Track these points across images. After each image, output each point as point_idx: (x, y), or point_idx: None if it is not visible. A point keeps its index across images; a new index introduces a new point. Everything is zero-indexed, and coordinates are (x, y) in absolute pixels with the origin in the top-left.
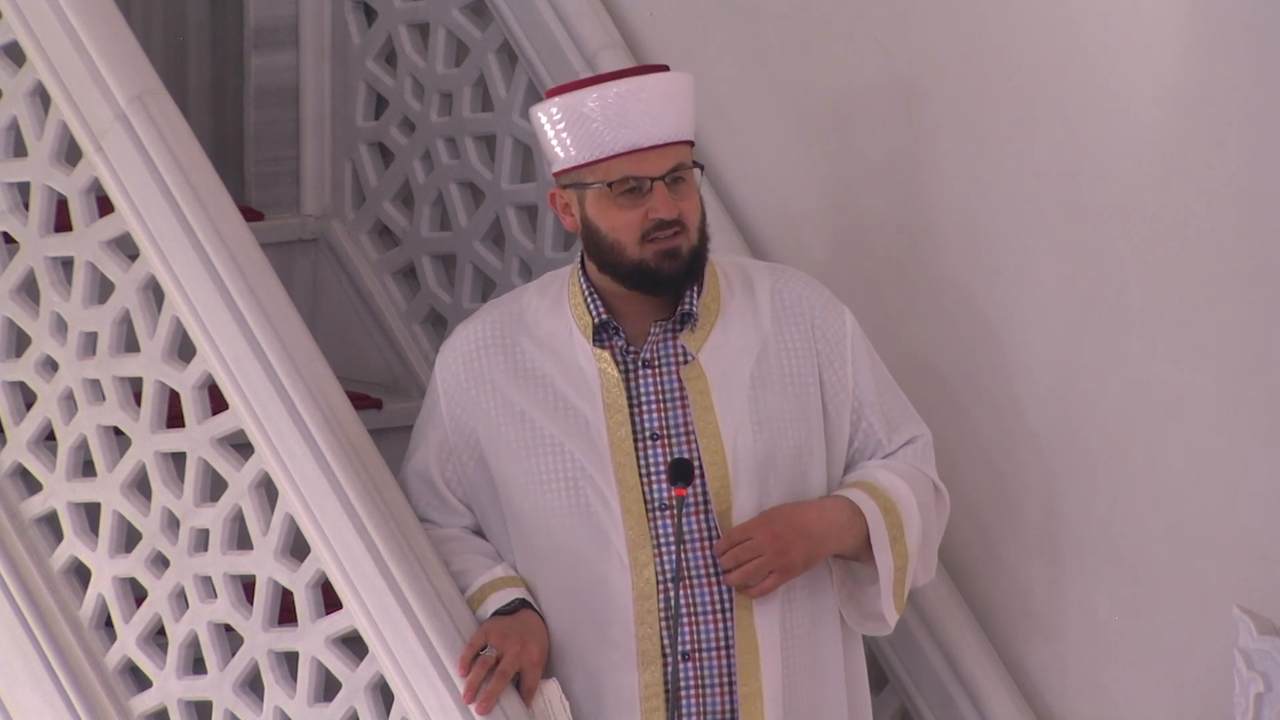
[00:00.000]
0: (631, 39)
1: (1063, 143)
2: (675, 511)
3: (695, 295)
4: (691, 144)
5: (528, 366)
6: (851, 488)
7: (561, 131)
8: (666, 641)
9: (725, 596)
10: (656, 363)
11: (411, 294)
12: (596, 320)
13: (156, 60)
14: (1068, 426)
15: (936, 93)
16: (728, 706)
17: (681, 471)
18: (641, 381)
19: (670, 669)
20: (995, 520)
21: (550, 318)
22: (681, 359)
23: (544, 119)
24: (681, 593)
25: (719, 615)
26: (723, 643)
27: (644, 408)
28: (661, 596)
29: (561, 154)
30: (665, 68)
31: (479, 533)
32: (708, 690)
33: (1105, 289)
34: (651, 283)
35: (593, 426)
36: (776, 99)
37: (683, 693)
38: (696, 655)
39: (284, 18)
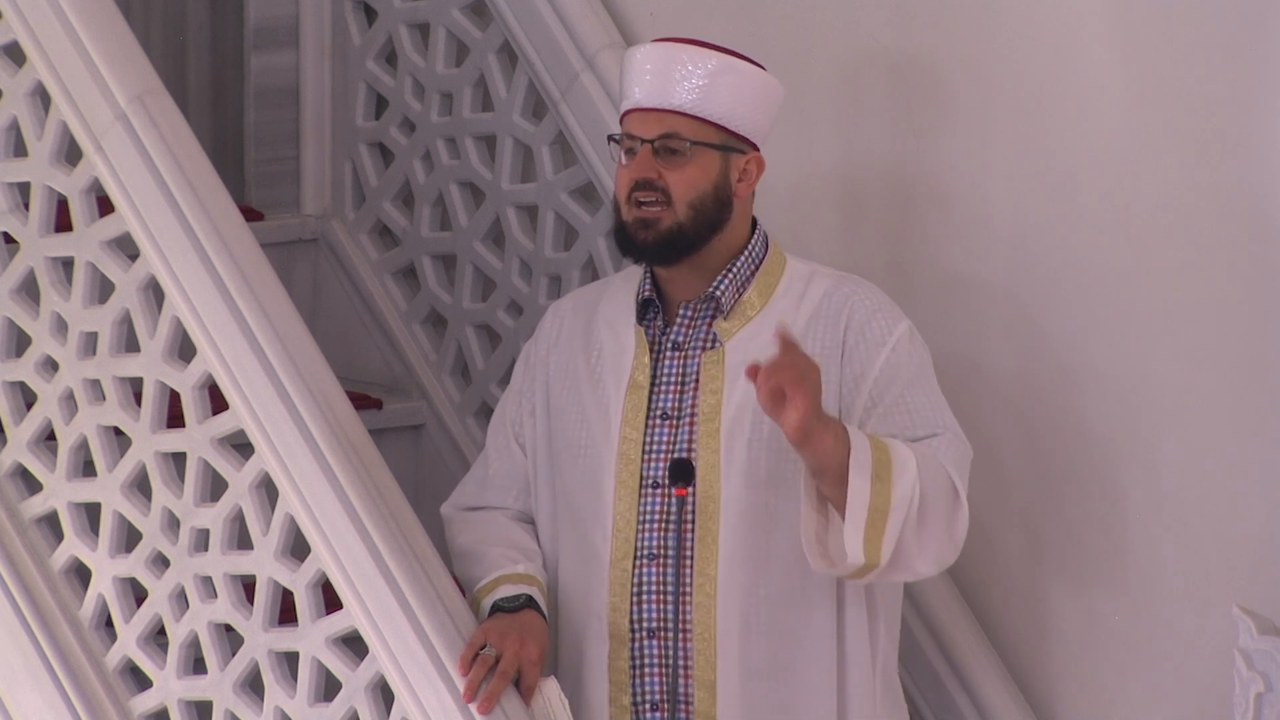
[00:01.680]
0: (631, 39)
1: (1062, 141)
2: (675, 509)
3: (726, 280)
4: (718, 126)
5: (591, 336)
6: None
7: (623, 80)
8: (634, 617)
9: (691, 578)
10: (686, 346)
11: (411, 294)
12: (640, 297)
13: (156, 60)
14: (1067, 426)
15: (936, 91)
16: (689, 690)
17: (682, 471)
18: (667, 363)
19: (639, 644)
20: (995, 520)
21: (621, 297)
22: (709, 345)
23: (622, 70)
24: (654, 571)
25: (686, 597)
26: (686, 625)
27: (662, 388)
28: (635, 572)
29: (621, 101)
30: (737, 55)
31: (529, 515)
32: (670, 670)
33: (1105, 288)
34: (627, 248)
35: (611, 402)
36: None
37: (647, 669)
38: (662, 634)
39: (284, 18)
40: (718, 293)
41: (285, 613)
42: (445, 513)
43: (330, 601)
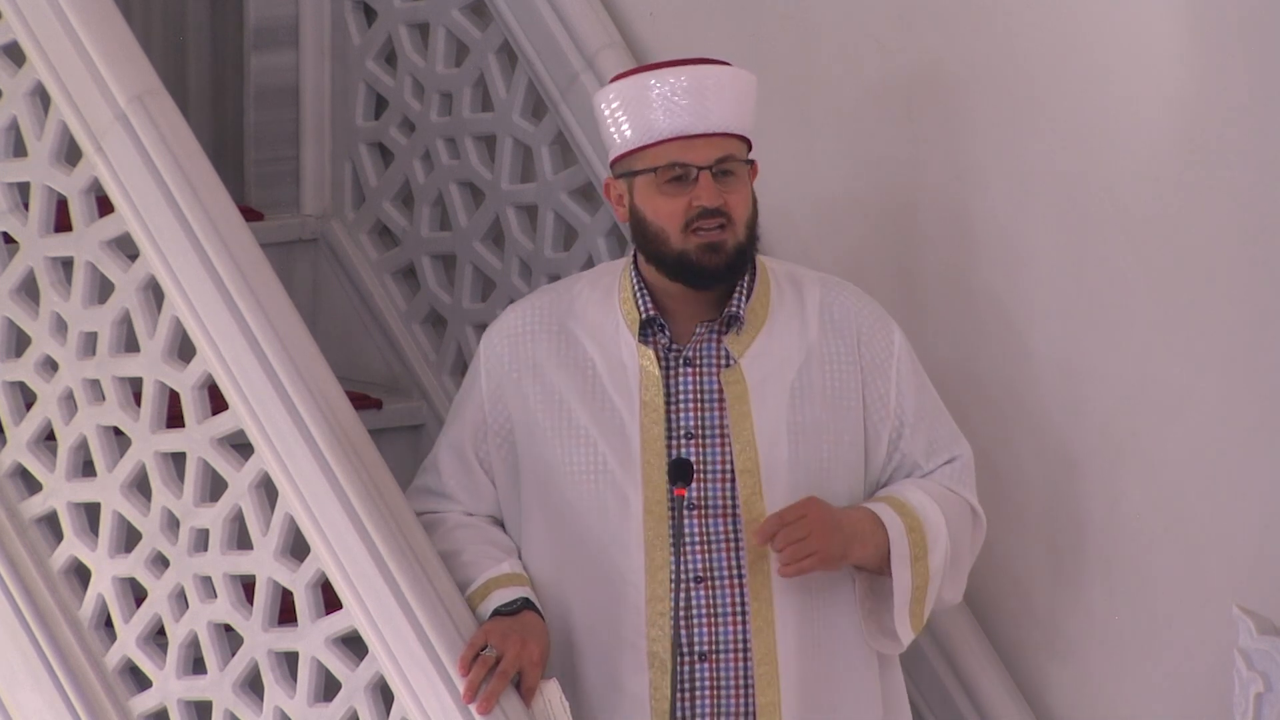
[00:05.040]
0: (631, 39)
1: (1063, 142)
2: (675, 510)
3: (743, 297)
4: (748, 142)
5: (573, 354)
6: (879, 502)
7: (619, 116)
8: (683, 642)
9: (744, 600)
10: (698, 362)
11: (411, 294)
12: (643, 316)
13: (156, 60)
14: (1068, 426)
15: (936, 93)
16: (744, 710)
17: (681, 471)
18: (681, 380)
19: (686, 669)
20: (995, 520)
21: (599, 309)
22: (724, 361)
23: (603, 105)
24: (702, 593)
25: (738, 618)
26: (740, 646)
27: (681, 407)
28: (677, 597)
29: (618, 139)
30: (727, 63)
31: (498, 520)
32: (723, 692)
33: (1105, 289)
34: (692, 275)
35: (626, 423)
36: (776, 99)
37: (698, 693)
38: (714, 657)
39: (284, 18)
40: (739, 311)
41: (285, 613)
42: None
43: (330, 601)
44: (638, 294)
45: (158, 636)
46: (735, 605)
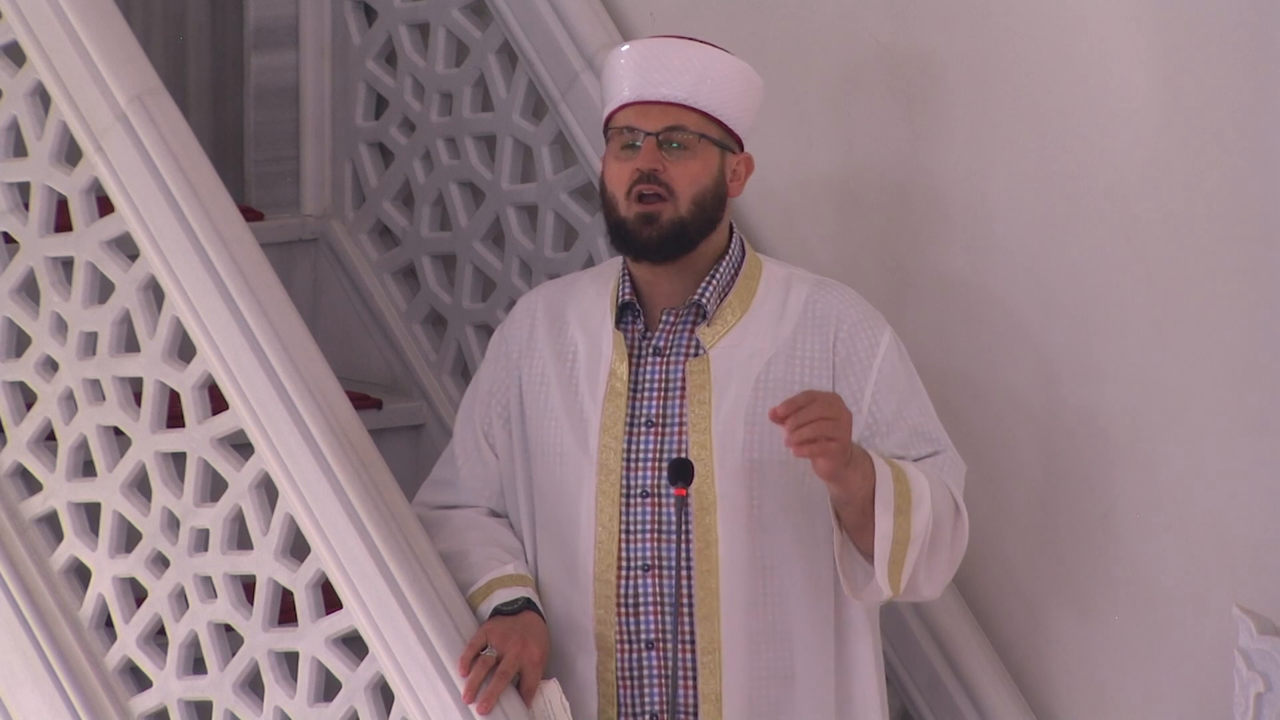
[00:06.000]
0: (631, 39)
1: (1063, 142)
2: (674, 515)
3: (709, 286)
4: (725, 128)
5: (562, 340)
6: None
7: (608, 79)
8: (624, 629)
9: (691, 589)
10: (668, 351)
11: (411, 294)
12: (620, 301)
13: (156, 60)
14: (1067, 426)
15: (936, 92)
16: (691, 701)
17: (681, 471)
18: (649, 368)
19: (635, 656)
20: (995, 520)
21: (594, 299)
22: (692, 351)
23: (606, 70)
24: (649, 581)
25: (684, 608)
26: (687, 637)
27: (643, 394)
28: (622, 584)
29: (607, 102)
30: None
31: (506, 515)
32: (669, 681)
33: (1105, 289)
34: (627, 245)
35: (586, 408)
36: (776, 99)
37: (646, 681)
38: (661, 645)
39: (284, 18)
40: (703, 300)
41: (285, 613)
42: (416, 513)
43: (330, 601)
44: (622, 281)
45: (158, 636)
46: (683, 595)
